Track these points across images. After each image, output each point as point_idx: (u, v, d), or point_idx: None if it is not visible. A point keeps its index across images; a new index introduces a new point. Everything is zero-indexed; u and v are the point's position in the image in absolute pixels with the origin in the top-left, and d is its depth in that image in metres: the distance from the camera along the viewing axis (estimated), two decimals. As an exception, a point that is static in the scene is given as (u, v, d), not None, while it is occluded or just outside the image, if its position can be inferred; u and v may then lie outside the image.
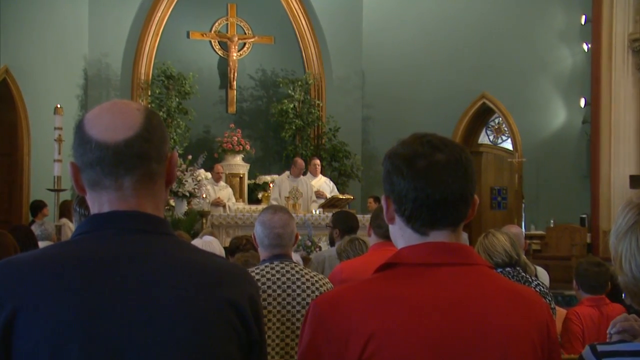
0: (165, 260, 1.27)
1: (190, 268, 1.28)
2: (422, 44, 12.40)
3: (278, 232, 2.86)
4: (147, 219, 1.31)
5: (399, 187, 1.41)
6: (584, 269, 3.83)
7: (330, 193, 10.16)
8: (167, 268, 1.26)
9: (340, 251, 4.29)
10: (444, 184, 1.39)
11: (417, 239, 1.42)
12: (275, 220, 2.87)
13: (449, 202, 1.40)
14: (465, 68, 12.08)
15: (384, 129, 12.49)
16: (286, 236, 2.88)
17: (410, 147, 1.42)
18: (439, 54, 12.27)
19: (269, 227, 2.86)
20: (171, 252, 1.29)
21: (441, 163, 1.39)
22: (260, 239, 2.90)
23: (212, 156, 11.60)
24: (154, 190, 1.33)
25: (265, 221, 2.88)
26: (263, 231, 2.88)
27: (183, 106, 11.67)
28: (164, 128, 1.35)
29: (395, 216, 1.44)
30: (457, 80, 12.09)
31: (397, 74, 12.58)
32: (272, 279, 2.85)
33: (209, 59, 12.41)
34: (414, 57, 12.48)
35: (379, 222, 3.44)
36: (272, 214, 2.89)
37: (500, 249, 3.49)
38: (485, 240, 3.52)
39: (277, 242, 2.87)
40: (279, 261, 2.89)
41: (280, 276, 2.86)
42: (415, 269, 1.39)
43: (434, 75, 12.29)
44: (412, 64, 12.48)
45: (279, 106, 12.14)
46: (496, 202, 12.86)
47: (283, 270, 2.87)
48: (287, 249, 2.92)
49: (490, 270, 1.45)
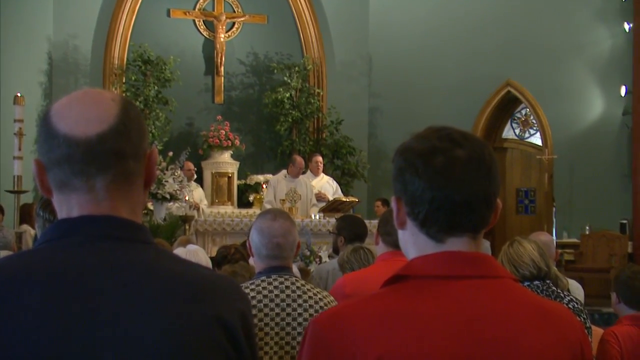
0: (144, 272, 1.27)
1: (172, 281, 1.28)
2: (438, 23, 12.41)
3: (278, 241, 2.86)
4: (122, 225, 1.31)
5: (412, 187, 1.41)
6: (627, 277, 3.78)
7: (333, 195, 10.16)
8: (146, 281, 1.26)
9: (343, 262, 4.29)
10: (465, 183, 1.40)
11: (432, 247, 1.43)
12: (275, 227, 2.86)
13: (470, 205, 1.40)
14: (487, 51, 12.09)
15: (393, 121, 12.49)
16: (287, 246, 2.88)
17: (426, 141, 1.42)
18: (457, 35, 12.28)
19: (268, 236, 2.86)
20: (150, 263, 1.29)
21: (462, 160, 1.40)
22: (257, 249, 2.89)
23: (197, 152, 11.61)
24: (130, 192, 1.33)
25: (263, 228, 2.87)
26: (261, 240, 2.87)
27: (163, 95, 11.67)
28: (142, 121, 1.36)
29: (407, 220, 1.44)
30: (478, 65, 12.09)
31: (409, 58, 12.59)
32: (270, 295, 2.85)
33: (193, 41, 12.41)
34: (428, 39, 12.49)
35: (388, 229, 3.45)
36: (271, 220, 2.88)
37: (527, 259, 3.49)
38: (510, 250, 3.52)
39: (277, 253, 2.87)
40: (277, 274, 2.89)
41: (279, 292, 2.86)
42: (429, 282, 1.40)
43: (452, 59, 12.30)
44: (426, 46, 12.48)
45: (273, 95, 12.15)
46: (523, 205, 12.87)
47: (282, 286, 2.87)
48: (287, 260, 2.92)
49: (515, 284, 1.45)
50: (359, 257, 4.24)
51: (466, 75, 12.17)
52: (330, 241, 8.70)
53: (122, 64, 11.82)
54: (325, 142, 12.49)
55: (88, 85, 11.32)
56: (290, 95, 12.24)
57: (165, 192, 9.22)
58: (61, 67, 11.67)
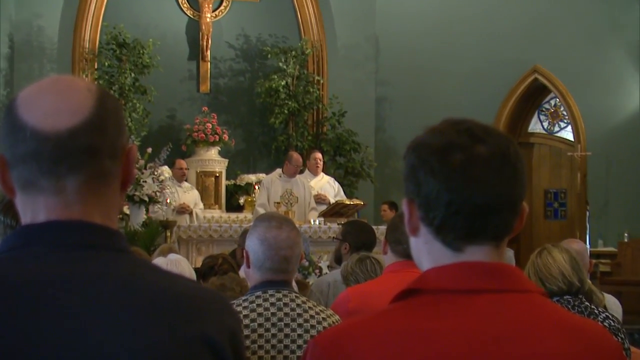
0: (119, 285, 1.27)
1: (151, 295, 1.28)
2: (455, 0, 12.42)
3: (285, 254, 2.85)
4: (95, 232, 1.31)
5: (427, 188, 1.42)
6: None
7: (335, 197, 10.17)
8: (121, 296, 1.26)
9: (346, 273, 4.30)
10: (487, 184, 1.40)
11: (449, 257, 1.43)
12: (282, 238, 2.85)
13: (492, 209, 1.41)
14: (511, 32, 12.09)
15: (404, 113, 12.50)
16: (294, 259, 2.88)
17: (443, 136, 1.43)
18: (477, 13, 12.28)
19: (274, 247, 2.84)
20: (126, 275, 1.29)
21: (483, 157, 1.40)
22: (258, 260, 2.87)
23: (179, 149, 11.61)
24: (105, 194, 1.34)
25: (268, 238, 2.85)
26: (265, 252, 2.85)
27: (140, 83, 11.68)
28: (121, 114, 1.36)
29: (421, 226, 1.44)
30: (501, 49, 12.09)
31: (422, 40, 12.59)
32: (265, 314, 2.84)
33: (175, 22, 12.42)
34: (443, 18, 12.49)
35: (398, 236, 3.45)
36: (277, 228, 2.86)
37: (556, 272, 3.50)
38: (538, 260, 3.53)
39: (282, 267, 2.86)
40: (275, 289, 2.88)
41: (276, 310, 2.85)
42: (445, 297, 1.40)
43: (470, 41, 12.30)
44: (441, 26, 12.49)
45: (267, 83, 12.15)
46: (552, 209, 12.88)
47: (280, 303, 2.86)
48: (290, 275, 2.93)
49: (543, 299, 1.46)
50: (365, 268, 4.24)
51: (487, 60, 12.18)
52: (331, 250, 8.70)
53: (94, 47, 11.83)
54: (326, 137, 12.50)
55: (55, 72, 11.34)
56: (286, 83, 12.24)
57: (143, 194, 9.23)
58: (24, 51, 11.68)
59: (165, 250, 5.24)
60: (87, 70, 11.69)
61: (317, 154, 10.55)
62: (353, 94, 12.60)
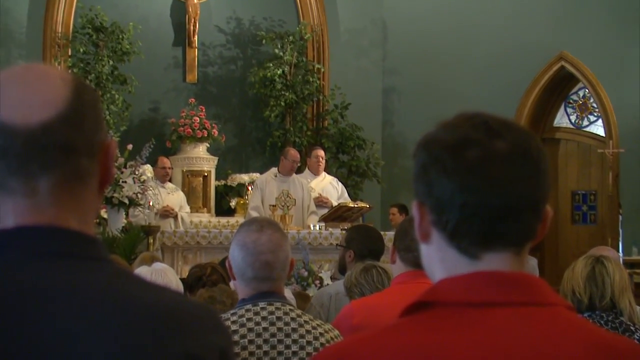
0: (96, 298, 1.27)
1: (133, 309, 1.28)
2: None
3: (267, 259, 2.88)
4: (71, 238, 1.32)
5: (439, 189, 1.42)
6: None
7: (338, 200, 10.17)
8: (100, 310, 1.26)
9: (350, 285, 4.31)
10: (506, 184, 1.40)
11: (464, 266, 1.43)
12: (262, 241, 2.88)
13: (512, 212, 1.41)
14: (535, 15, 12.09)
15: (414, 105, 12.49)
16: (278, 265, 2.90)
17: (457, 131, 1.43)
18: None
19: (254, 253, 2.88)
20: (105, 286, 1.30)
21: (502, 154, 1.41)
22: (239, 269, 2.91)
23: (163, 145, 11.62)
24: (82, 196, 1.34)
25: (247, 243, 2.90)
26: (244, 258, 2.89)
27: (120, 72, 11.68)
28: (99, 107, 1.36)
29: (433, 231, 1.45)
30: (523, 33, 12.09)
31: (434, 24, 12.58)
32: (256, 329, 2.86)
33: (158, 3, 12.42)
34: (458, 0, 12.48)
35: (407, 243, 3.45)
36: (257, 231, 2.90)
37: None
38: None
39: (265, 274, 2.89)
40: (267, 302, 2.90)
41: (269, 325, 2.87)
42: (460, 310, 1.40)
43: (488, 25, 12.29)
44: (456, 10, 12.48)
45: (261, 72, 12.15)
46: (580, 212, 12.87)
47: (272, 317, 2.88)
48: (278, 283, 2.94)
49: (570, 314, 1.46)
50: (371, 279, 4.24)
51: (507, 45, 12.17)
52: (334, 258, 8.72)
53: (68, 31, 11.82)
54: (327, 132, 12.49)
55: (23, 60, 11.33)
56: (283, 72, 12.24)
57: (123, 196, 9.23)
58: (-11, 35, 11.68)
59: (147, 258, 5.25)
60: (59, 58, 11.69)
61: (318, 151, 10.51)
62: (357, 84, 12.59)
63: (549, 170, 1.47)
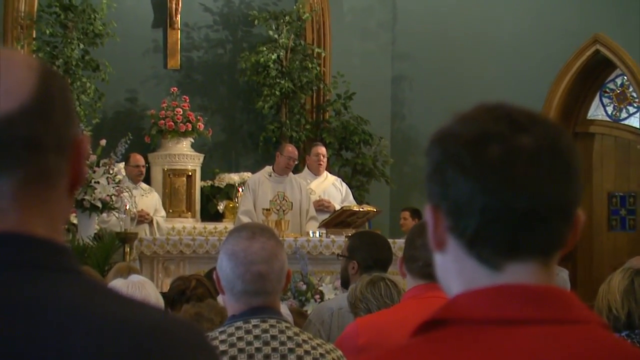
0: (68, 314, 1.27)
1: (109, 328, 1.28)
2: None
3: (259, 270, 2.88)
4: (37, 247, 1.31)
5: (456, 190, 1.42)
6: None
7: (342, 203, 10.17)
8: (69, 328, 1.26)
9: (354, 300, 4.31)
10: (532, 184, 1.41)
11: (484, 278, 1.43)
12: (254, 249, 2.89)
13: (539, 216, 1.41)
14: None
15: (428, 95, 12.49)
16: (272, 277, 2.90)
17: (476, 124, 1.44)
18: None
19: (244, 263, 2.89)
20: (78, 302, 1.29)
21: (527, 151, 1.41)
22: (228, 282, 2.92)
23: (141, 141, 11.61)
24: (50, 198, 1.34)
25: (237, 252, 2.91)
26: (234, 269, 2.90)
27: (91, 57, 11.67)
28: (70, 98, 1.36)
29: (449, 239, 1.45)
30: (552, 14, 12.09)
31: (451, 3, 12.58)
32: (248, 349, 2.86)
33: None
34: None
35: (412, 252, 3.46)
36: (248, 239, 2.91)
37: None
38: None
39: (258, 288, 2.90)
40: (259, 319, 2.91)
41: (262, 344, 2.87)
42: (480, 329, 1.40)
43: (512, 5, 12.29)
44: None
45: (253, 57, 12.14)
46: (618, 217, 12.86)
47: (266, 335, 2.89)
48: (272, 297, 2.95)
49: (605, 333, 1.46)
50: (379, 293, 4.24)
51: (533, 28, 12.17)
52: (336, 270, 8.70)
53: (32, 10, 11.81)
54: (328, 126, 12.49)
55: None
56: (278, 57, 12.24)
57: (95, 198, 9.23)
58: (-57, 16, 11.69)
59: (123, 270, 5.26)
60: (22, 40, 11.68)
61: (319, 147, 10.48)
62: (363, 71, 12.59)
63: (582, 168, 1.47)
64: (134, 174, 10.24)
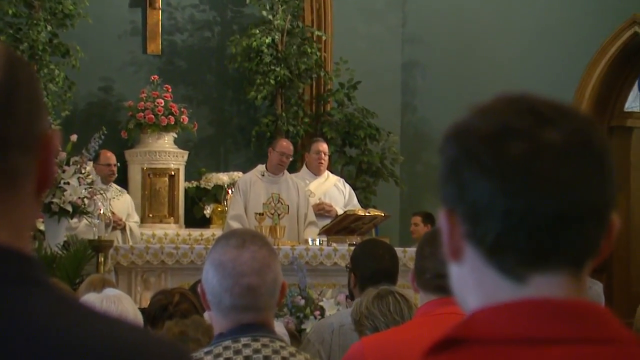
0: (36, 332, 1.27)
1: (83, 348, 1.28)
2: None
3: (249, 282, 2.90)
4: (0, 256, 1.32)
5: (475, 192, 1.43)
6: None
7: (345, 206, 10.17)
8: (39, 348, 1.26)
9: (359, 316, 4.32)
10: (561, 185, 1.41)
11: (507, 291, 1.43)
12: (243, 260, 2.91)
13: (569, 220, 1.42)
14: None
15: (443, 84, 12.49)
16: (264, 290, 2.92)
17: (497, 117, 1.44)
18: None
19: (233, 274, 2.90)
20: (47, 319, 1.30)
21: (555, 147, 1.41)
22: (215, 296, 2.93)
23: (117, 136, 11.62)
24: (14, 201, 1.34)
25: (224, 262, 2.92)
26: (221, 281, 2.91)
27: (61, 41, 11.67)
28: (38, 89, 1.37)
29: (466, 247, 1.46)
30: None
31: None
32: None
33: (111, -49, 12.44)
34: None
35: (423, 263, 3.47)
36: (237, 247, 2.93)
37: None
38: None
39: (248, 302, 2.91)
40: (250, 337, 2.92)
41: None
42: (501, 350, 1.39)
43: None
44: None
45: (245, 42, 12.14)
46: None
47: (258, 356, 2.90)
48: (265, 313, 2.96)
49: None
50: (387, 308, 4.25)
51: (564, 7, 12.17)
52: (339, 282, 8.71)
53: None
54: (330, 120, 12.49)
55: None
56: (273, 41, 12.23)
57: (65, 201, 9.23)
58: None
59: (97, 282, 5.27)
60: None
61: (320, 144, 10.46)
62: (369, 57, 12.60)
63: (617, 167, 1.47)
64: (104, 174, 10.22)
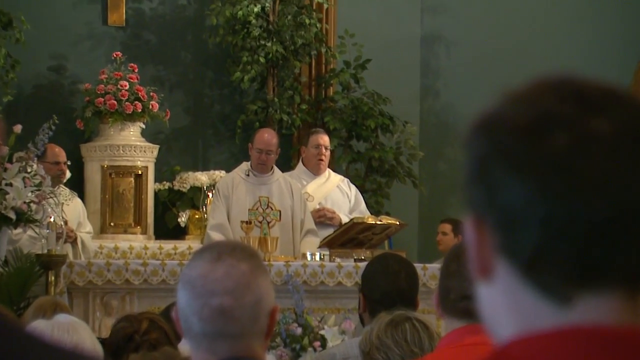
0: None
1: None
2: None
3: (220, 303, 2.90)
4: None
5: (508, 195, 1.44)
6: None
7: (351, 213, 10.20)
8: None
9: (369, 347, 4.33)
10: (612, 185, 1.42)
11: (548, 315, 1.44)
12: (216, 276, 2.91)
13: (622, 228, 1.42)
14: None
15: (470, 64, 12.52)
16: (241, 313, 2.92)
17: (534, 105, 1.45)
18: None
19: (202, 294, 2.91)
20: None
21: (604, 139, 1.42)
22: (185, 320, 2.94)
23: (72, 126, 11.65)
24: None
25: (193, 280, 2.93)
26: (189, 302, 2.93)
27: (1, 9, 11.70)
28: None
29: (498, 262, 1.46)
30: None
31: None
32: None
33: None
34: None
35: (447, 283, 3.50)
36: (212, 261, 2.93)
37: None
38: None
39: (219, 328, 2.91)
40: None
41: None
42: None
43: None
44: None
45: (228, 11, 12.16)
46: None
47: None
48: (244, 342, 2.96)
49: None
50: (402, 338, 4.27)
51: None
52: (343, 307, 8.71)
53: None
54: (333, 107, 12.52)
55: None
56: (263, 9, 12.26)
57: (7, 207, 9.25)
58: None
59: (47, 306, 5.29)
60: None
61: (320, 136, 10.50)
62: (381, 30, 12.63)
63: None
64: (52, 174, 10.19)
